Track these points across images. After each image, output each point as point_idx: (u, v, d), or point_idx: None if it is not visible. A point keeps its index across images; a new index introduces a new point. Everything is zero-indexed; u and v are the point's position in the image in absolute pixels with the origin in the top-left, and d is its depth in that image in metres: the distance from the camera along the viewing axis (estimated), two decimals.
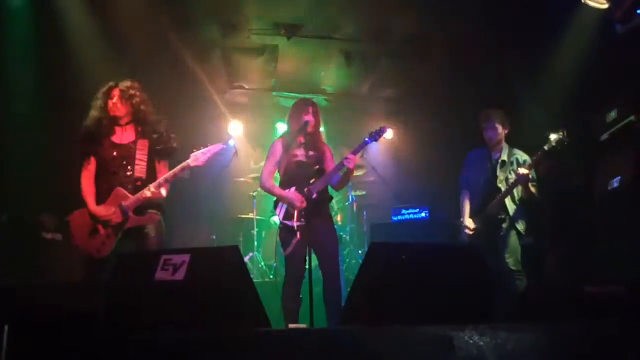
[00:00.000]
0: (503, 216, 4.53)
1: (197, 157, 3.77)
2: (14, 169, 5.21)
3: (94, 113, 3.82)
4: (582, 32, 5.33)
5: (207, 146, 3.81)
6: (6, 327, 2.20)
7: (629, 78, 4.66)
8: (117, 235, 3.70)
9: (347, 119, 7.70)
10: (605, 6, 4.95)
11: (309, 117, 4.13)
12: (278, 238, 4.18)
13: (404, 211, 6.64)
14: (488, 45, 6.03)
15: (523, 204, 4.57)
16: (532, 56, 5.81)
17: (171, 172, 3.76)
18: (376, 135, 4.06)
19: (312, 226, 3.96)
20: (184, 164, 3.76)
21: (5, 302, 2.61)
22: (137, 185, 3.75)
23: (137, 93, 3.86)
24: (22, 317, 2.38)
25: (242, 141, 7.49)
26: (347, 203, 6.88)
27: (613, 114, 4.68)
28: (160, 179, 3.75)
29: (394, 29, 6.27)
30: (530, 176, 4.39)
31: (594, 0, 5.00)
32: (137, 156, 3.79)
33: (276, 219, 4.34)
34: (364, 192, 7.08)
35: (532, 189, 4.46)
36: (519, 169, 4.44)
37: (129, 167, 3.77)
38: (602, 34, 5.08)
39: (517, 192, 4.55)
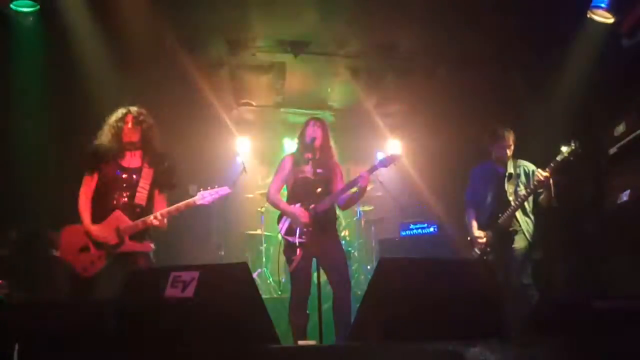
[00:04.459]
0: (515, 229, 4.50)
1: (204, 197, 3.80)
2: (24, 186, 5.25)
3: (107, 136, 3.84)
4: (588, 46, 5.34)
5: (214, 188, 3.84)
6: (16, 346, 2.20)
7: (636, 91, 4.66)
8: (109, 258, 3.68)
9: (353, 135, 7.72)
10: (611, 20, 4.97)
11: (312, 132, 4.22)
12: (283, 254, 4.20)
13: (412, 226, 6.62)
14: (494, 61, 6.05)
15: (534, 216, 4.53)
16: (538, 71, 5.81)
17: (174, 206, 3.77)
18: (386, 162, 4.06)
19: (319, 244, 3.96)
20: (189, 201, 3.80)
21: (16, 320, 2.62)
22: (136, 211, 3.76)
23: (146, 119, 3.91)
24: (33, 335, 2.38)
25: (250, 158, 7.53)
26: (355, 218, 6.86)
27: (621, 128, 4.68)
28: (171, 208, 3.76)
29: (400, 45, 6.32)
30: (551, 180, 4.33)
31: (599, 14, 5.03)
32: (140, 183, 3.81)
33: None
34: (372, 207, 7.06)
35: (553, 194, 4.38)
36: (537, 173, 4.35)
37: (130, 192, 3.78)
38: (608, 48, 5.08)
39: (528, 204, 4.53)
